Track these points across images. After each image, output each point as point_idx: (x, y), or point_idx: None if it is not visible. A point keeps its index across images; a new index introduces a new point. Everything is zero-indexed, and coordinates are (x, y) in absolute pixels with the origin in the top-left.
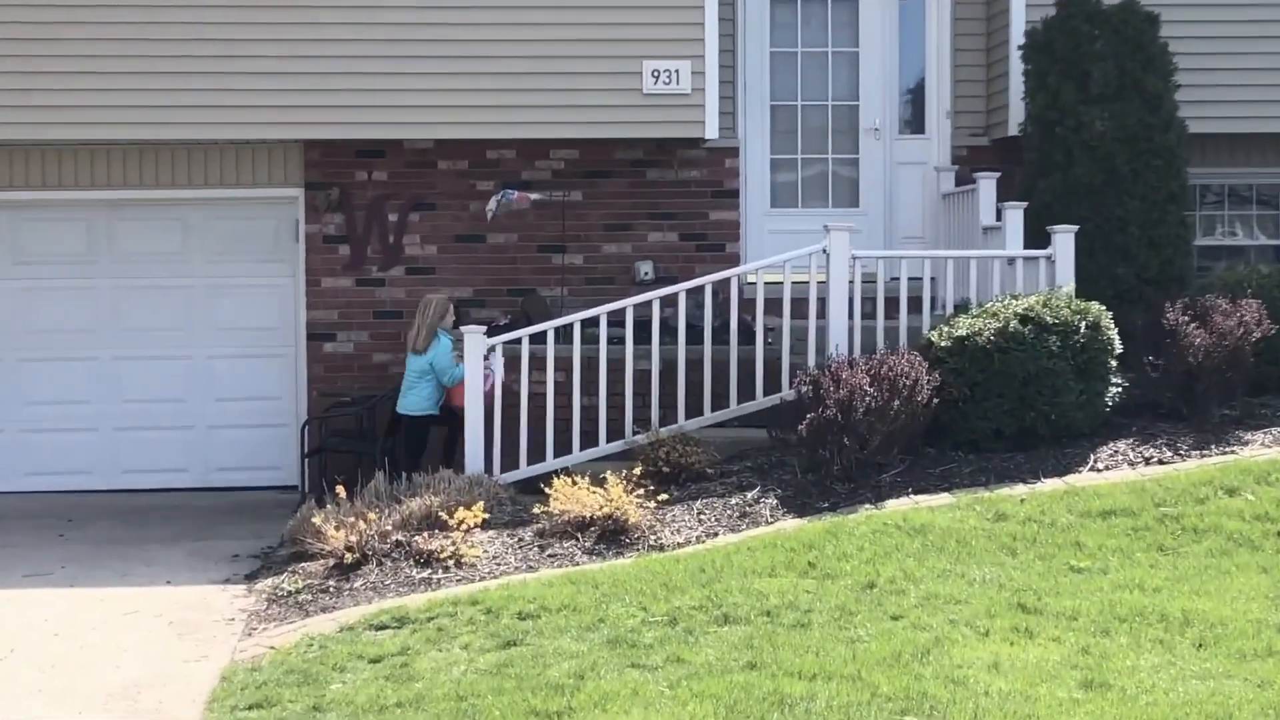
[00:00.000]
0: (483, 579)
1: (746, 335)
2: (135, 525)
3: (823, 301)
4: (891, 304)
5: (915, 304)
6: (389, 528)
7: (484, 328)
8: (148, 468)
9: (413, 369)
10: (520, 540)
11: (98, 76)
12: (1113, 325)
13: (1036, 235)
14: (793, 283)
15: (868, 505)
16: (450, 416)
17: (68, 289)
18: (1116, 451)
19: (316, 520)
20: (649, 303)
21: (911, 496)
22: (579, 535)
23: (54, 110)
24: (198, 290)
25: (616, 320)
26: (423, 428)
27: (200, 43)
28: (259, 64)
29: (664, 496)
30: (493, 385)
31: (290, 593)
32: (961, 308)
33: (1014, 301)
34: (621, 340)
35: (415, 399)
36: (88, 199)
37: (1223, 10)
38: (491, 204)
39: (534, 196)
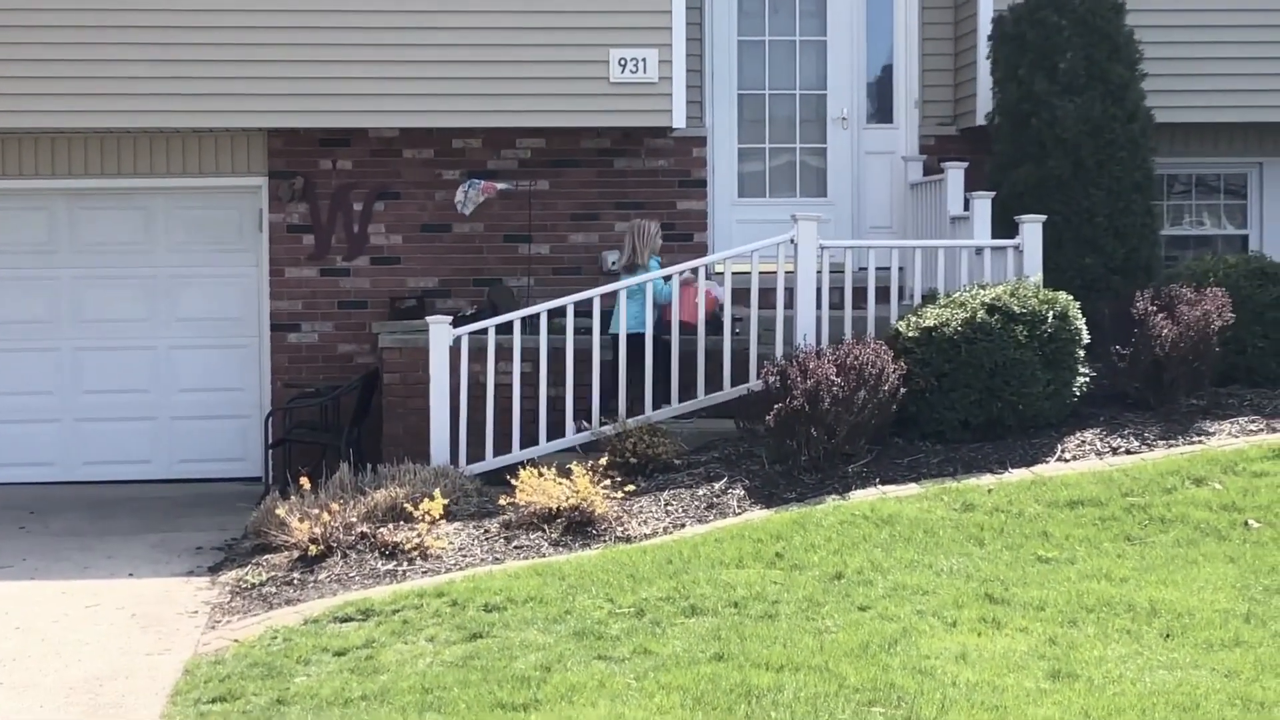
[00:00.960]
0: (448, 571)
1: (714, 325)
2: (98, 517)
3: (790, 291)
4: (859, 294)
5: (883, 294)
6: (354, 519)
7: (450, 318)
8: (110, 459)
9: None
10: (486, 532)
11: (58, 64)
12: (1080, 315)
13: (1007, 226)
14: (760, 273)
15: (835, 496)
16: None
17: (28, 279)
18: (1084, 441)
19: (280, 512)
20: (616, 293)
21: (879, 487)
22: (545, 527)
23: (13, 98)
24: (160, 280)
25: (583, 310)
26: (639, 344)
27: (162, 30)
28: (221, 51)
29: (631, 487)
30: (712, 299)
31: (254, 585)
32: (929, 298)
33: (981, 291)
34: (589, 330)
35: (628, 319)
36: (48, 188)
37: None
38: (459, 195)
39: (500, 186)
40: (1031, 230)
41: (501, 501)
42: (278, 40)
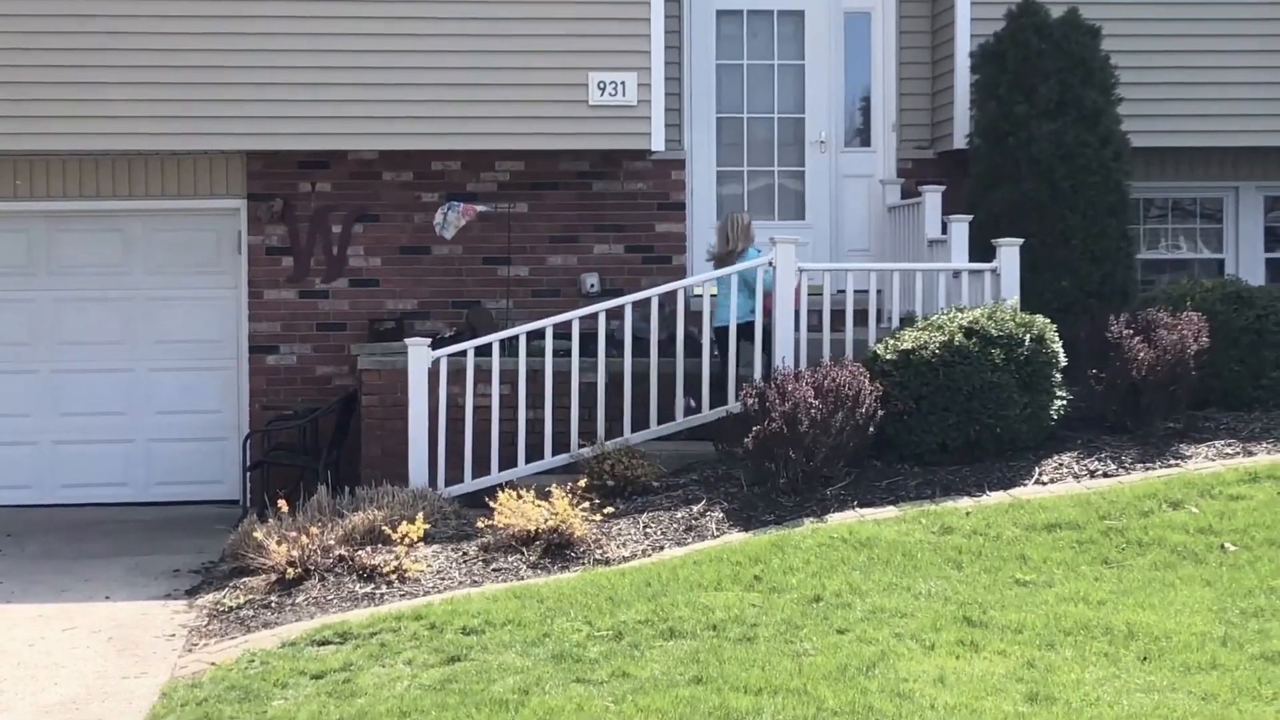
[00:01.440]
0: (426, 594)
1: (693, 348)
2: (74, 540)
3: (769, 313)
4: (838, 316)
5: (861, 316)
6: (331, 542)
7: (428, 340)
8: (88, 482)
9: (724, 283)
10: (464, 554)
11: (35, 86)
12: (1057, 338)
13: (985, 248)
14: None
15: (813, 518)
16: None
17: (6, 301)
18: (1061, 464)
19: (258, 535)
20: (595, 315)
21: (857, 509)
22: (524, 549)
23: None
24: (138, 302)
25: (562, 333)
26: (747, 334)
27: (139, 53)
28: (200, 74)
29: (609, 510)
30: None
31: (232, 608)
32: (907, 320)
33: (959, 314)
34: (567, 353)
35: (738, 309)
36: (26, 210)
37: (1166, 25)
38: (439, 217)
39: (479, 208)
40: (1009, 254)
41: (480, 524)
42: (256, 63)
